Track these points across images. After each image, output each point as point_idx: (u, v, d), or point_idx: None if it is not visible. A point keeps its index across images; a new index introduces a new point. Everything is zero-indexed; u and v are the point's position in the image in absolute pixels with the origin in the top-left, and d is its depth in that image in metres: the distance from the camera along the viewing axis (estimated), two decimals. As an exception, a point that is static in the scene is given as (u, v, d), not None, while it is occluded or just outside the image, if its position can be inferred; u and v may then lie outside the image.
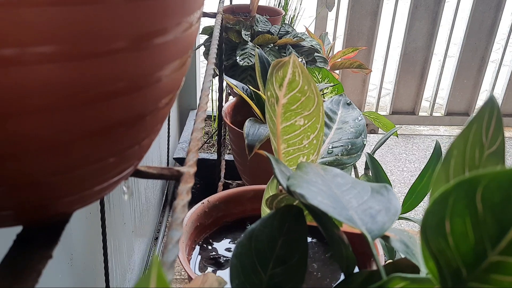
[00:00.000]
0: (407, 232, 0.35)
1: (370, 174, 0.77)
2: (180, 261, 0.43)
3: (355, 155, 0.51)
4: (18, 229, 0.23)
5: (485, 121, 0.20)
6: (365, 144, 0.53)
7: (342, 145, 0.51)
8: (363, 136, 0.54)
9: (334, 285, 0.30)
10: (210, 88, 0.39)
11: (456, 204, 0.16)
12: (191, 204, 0.27)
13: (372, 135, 1.99)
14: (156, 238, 1.40)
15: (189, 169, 0.29)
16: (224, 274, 0.48)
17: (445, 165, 0.20)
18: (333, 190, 0.31)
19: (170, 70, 0.23)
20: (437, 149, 0.72)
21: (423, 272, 0.29)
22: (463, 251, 0.17)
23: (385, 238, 0.31)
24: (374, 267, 0.45)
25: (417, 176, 0.73)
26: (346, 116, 0.56)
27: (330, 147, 0.51)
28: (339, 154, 0.50)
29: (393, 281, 0.24)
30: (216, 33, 0.56)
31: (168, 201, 1.55)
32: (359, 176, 0.85)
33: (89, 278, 0.74)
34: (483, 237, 0.16)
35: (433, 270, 0.20)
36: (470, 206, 0.16)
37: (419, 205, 0.75)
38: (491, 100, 0.20)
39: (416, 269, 0.31)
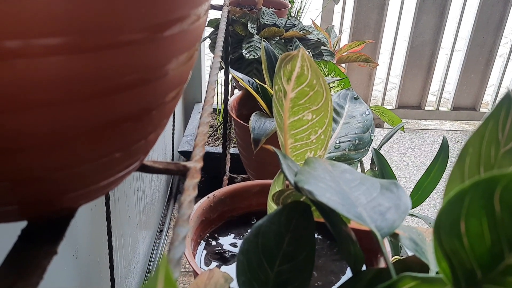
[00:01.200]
0: (415, 229, 0.35)
1: (376, 169, 0.77)
2: (185, 256, 0.43)
3: (362, 150, 0.50)
4: (22, 224, 0.23)
5: (501, 118, 0.19)
6: (372, 139, 0.52)
7: (349, 140, 0.50)
8: (370, 131, 0.53)
9: (341, 283, 0.30)
10: (216, 81, 0.38)
11: (472, 204, 0.16)
12: (195, 197, 0.27)
13: (377, 129, 1.98)
14: (161, 231, 1.40)
15: (195, 164, 0.28)
16: (230, 269, 0.47)
17: (460, 163, 0.19)
18: (341, 187, 0.30)
19: (178, 63, 0.22)
20: (444, 144, 0.71)
21: (433, 270, 0.29)
22: (478, 252, 0.17)
23: (394, 236, 0.31)
24: (381, 264, 0.44)
25: (422, 171, 0.73)
26: (353, 110, 0.56)
27: (337, 142, 0.50)
28: (346, 149, 0.49)
29: (403, 280, 0.24)
30: (223, 25, 0.56)
31: (172, 194, 1.56)
32: (365, 171, 0.85)
33: (94, 271, 0.75)
34: (500, 239, 0.16)
35: (446, 270, 0.20)
36: (487, 207, 0.16)
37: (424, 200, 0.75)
38: (508, 96, 0.19)
39: (424, 267, 0.31)
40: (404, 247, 0.30)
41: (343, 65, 1.52)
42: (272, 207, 0.43)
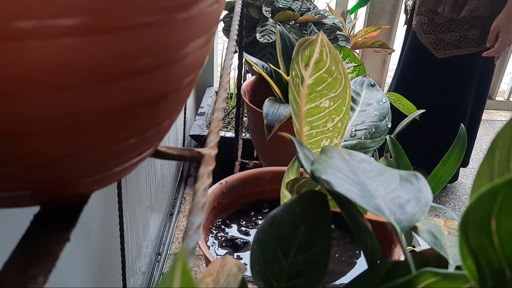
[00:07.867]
0: (433, 221, 0.34)
1: (390, 157, 0.76)
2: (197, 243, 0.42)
3: (378, 139, 0.49)
4: (35, 209, 0.23)
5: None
6: (389, 128, 0.51)
7: (365, 128, 0.49)
8: (387, 119, 0.52)
9: (356, 274, 0.29)
10: (231, 66, 0.38)
11: (506, 202, 0.15)
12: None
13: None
14: (171, 214, 1.41)
15: (210, 151, 0.28)
16: (242, 256, 0.47)
17: (489, 157, 0.18)
18: (359, 177, 0.29)
19: (195, 47, 0.22)
20: (462, 134, 0.69)
21: (452, 265, 0.28)
22: (509, 251, 0.16)
23: (413, 228, 0.30)
24: (395, 255, 0.44)
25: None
26: (369, 98, 0.54)
27: (353, 130, 0.49)
28: (362, 138, 0.48)
29: (423, 275, 0.23)
30: (238, 8, 0.54)
31: (183, 178, 1.56)
32: (379, 159, 0.83)
33: (105, 252, 0.75)
34: (534, 239, 0.15)
35: (471, 268, 0.19)
36: (522, 205, 0.15)
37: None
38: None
39: (442, 261, 0.30)
40: (423, 239, 0.29)
41: (357, 50, 1.50)
42: (285, 195, 0.42)
